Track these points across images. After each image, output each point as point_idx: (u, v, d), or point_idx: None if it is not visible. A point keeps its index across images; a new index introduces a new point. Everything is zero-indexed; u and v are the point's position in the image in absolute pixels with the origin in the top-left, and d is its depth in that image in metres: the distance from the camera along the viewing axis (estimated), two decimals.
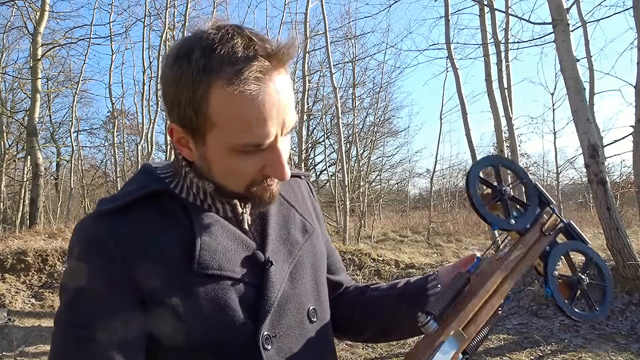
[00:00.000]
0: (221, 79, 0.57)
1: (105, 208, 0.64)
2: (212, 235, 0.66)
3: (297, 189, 0.83)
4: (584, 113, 4.38)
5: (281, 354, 0.68)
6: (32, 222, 8.27)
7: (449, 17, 7.21)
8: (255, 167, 0.63)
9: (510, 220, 0.71)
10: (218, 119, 0.59)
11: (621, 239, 4.26)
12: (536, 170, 20.65)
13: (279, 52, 0.59)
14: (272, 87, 0.58)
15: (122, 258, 0.61)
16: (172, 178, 0.69)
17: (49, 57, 11.49)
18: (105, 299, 0.60)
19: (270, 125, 0.59)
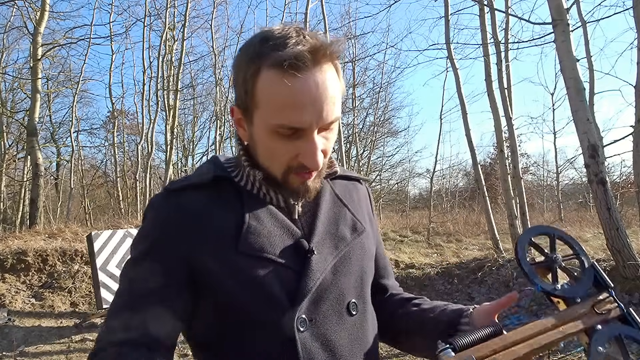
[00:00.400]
0: (268, 63, 0.64)
1: (172, 187, 0.74)
2: (259, 219, 0.72)
3: (354, 191, 0.87)
4: (584, 113, 4.38)
5: (315, 339, 0.71)
6: (32, 222, 8.27)
7: (449, 17, 7.22)
8: (290, 153, 0.68)
9: (557, 286, 0.69)
10: (261, 98, 0.66)
11: (621, 239, 4.26)
12: (536, 170, 20.66)
13: (323, 48, 0.65)
14: (311, 79, 0.64)
15: (179, 231, 0.70)
16: (234, 168, 0.77)
17: (49, 57, 11.50)
18: (160, 262, 0.69)
19: (304, 113, 0.65)
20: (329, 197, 0.81)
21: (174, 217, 0.71)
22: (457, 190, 20.98)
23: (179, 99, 13.25)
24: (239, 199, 0.74)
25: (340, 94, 0.70)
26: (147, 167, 13.51)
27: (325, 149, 0.71)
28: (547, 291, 0.70)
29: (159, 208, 0.73)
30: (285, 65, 0.63)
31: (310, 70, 0.64)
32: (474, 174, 9.58)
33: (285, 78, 0.63)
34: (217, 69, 14.81)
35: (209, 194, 0.73)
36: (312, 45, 0.64)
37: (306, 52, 0.63)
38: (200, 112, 19.86)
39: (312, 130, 0.66)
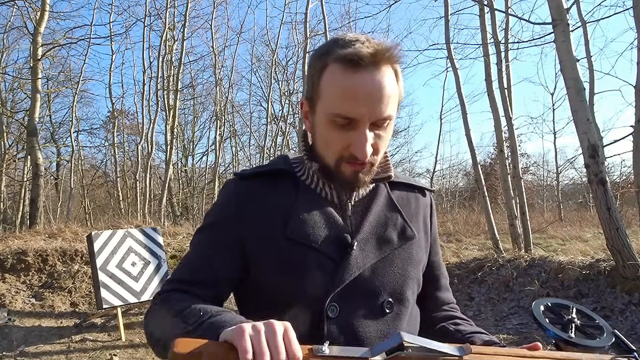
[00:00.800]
0: (333, 58, 0.73)
1: (241, 174, 0.85)
2: (309, 210, 0.80)
3: (413, 199, 0.91)
4: (584, 113, 4.38)
5: (342, 328, 0.76)
6: (32, 222, 8.27)
7: (449, 17, 7.21)
8: (343, 143, 0.75)
9: (571, 334, 0.69)
10: (323, 88, 0.75)
11: (621, 239, 4.26)
12: (536, 170, 20.65)
13: (383, 52, 0.72)
14: (369, 76, 0.72)
15: (239, 212, 0.81)
16: (299, 164, 0.87)
17: (49, 57, 11.50)
18: (218, 235, 0.81)
19: (358, 105, 0.72)
20: (383, 200, 0.86)
21: (236, 200, 0.82)
22: (457, 190, 20.97)
23: (179, 99, 13.25)
24: (296, 190, 0.82)
25: (397, 96, 0.77)
26: (147, 167, 13.51)
27: (377, 145, 0.77)
28: (560, 337, 0.70)
29: (227, 190, 0.85)
30: (347, 61, 0.71)
31: (369, 68, 0.72)
32: (474, 174, 9.57)
33: (346, 72, 0.72)
34: (217, 69, 14.80)
35: (271, 184, 0.83)
36: (374, 48, 0.72)
37: (368, 52, 0.71)
38: (200, 112, 19.88)
39: (364, 123, 0.73)
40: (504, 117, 6.84)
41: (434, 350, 0.60)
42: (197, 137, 20.72)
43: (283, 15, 13.80)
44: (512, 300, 4.87)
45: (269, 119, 15.27)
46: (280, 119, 16.35)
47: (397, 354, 0.59)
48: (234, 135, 17.86)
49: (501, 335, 4.20)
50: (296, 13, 18.98)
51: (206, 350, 0.56)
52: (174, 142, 12.88)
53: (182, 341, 0.57)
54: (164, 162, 14.73)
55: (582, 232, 9.61)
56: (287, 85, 16.26)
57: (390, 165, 0.88)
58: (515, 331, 4.30)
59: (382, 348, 0.59)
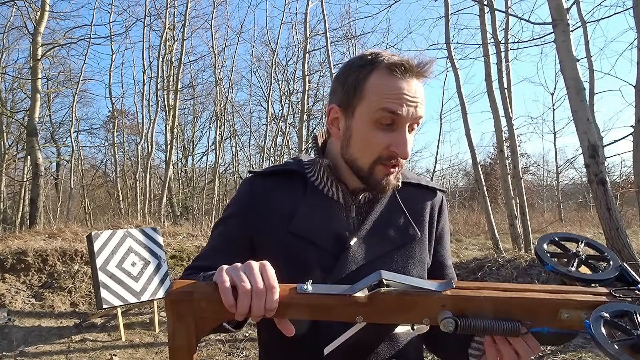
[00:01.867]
0: (382, 65, 0.79)
1: (255, 172, 0.92)
2: (313, 207, 0.85)
3: (421, 199, 0.93)
4: (584, 113, 4.38)
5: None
6: (32, 222, 8.27)
7: (449, 17, 7.21)
8: (384, 142, 0.79)
9: (571, 269, 0.67)
10: (370, 89, 0.79)
11: (621, 239, 4.26)
12: (536, 170, 20.66)
13: (422, 65, 0.80)
14: (412, 83, 0.79)
15: (251, 208, 0.88)
16: (310, 166, 0.92)
17: (49, 57, 11.48)
18: (236, 221, 0.88)
19: (403, 104, 0.77)
20: (387, 201, 0.89)
21: (251, 196, 0.89)
22: (457, 190, 20.96)
23: (179, 99, 13.25)
24: (304, 190, 0.88)
25: None
26: (147, 167, 13.51)
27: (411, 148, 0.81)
28: (558, 271, 0.67)
29: (244, 187, 0.92)
30: (397, 66, 0.78)
31: (412, 76, 0.79)
32: (474, 174, 9.57)
33: (394, 75, 0.78)
34: (217, 69, 14.79)
35: (282, 183, 0.89)
36: (417, 61, 0.80)
37: (415, 62, 0.80)
38: (200, 112, 19.87)
39: (405, 122, 0.79)
40: (504, 117, 6.84)
41: (413, 286, 0.60)
42: (197, 137, 20.73)
43: (283, 15, 13.78)
44: None
45: (269, 119, 15.27)
46: (280, 119, 16.34)
47: (377, 290, 0.60)
48: (234, 135, 17.86)
49: None
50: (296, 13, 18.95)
51: (197, 290, 0.61)
52: (174, 142, 12.89)
53: (177, 282, 0.62)
54: (164, 162, 14.74)
55: (582, 232, 9.60)
56: (287, 85, 16.25)
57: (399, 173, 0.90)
58: None
59: (363, 285, 0.60)
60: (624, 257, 4.26)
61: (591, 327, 0.55)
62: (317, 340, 0.79)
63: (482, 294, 0.60)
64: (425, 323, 0.61)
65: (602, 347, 0.52)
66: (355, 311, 0.60)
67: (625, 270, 0.66)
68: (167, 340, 0.63)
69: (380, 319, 0.61)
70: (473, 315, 0.60)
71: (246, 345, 4.24)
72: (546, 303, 0.60)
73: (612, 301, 0.60)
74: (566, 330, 0.61)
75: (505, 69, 7.23)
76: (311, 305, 0.61)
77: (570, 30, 4.46)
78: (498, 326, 0.60)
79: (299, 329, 0.82)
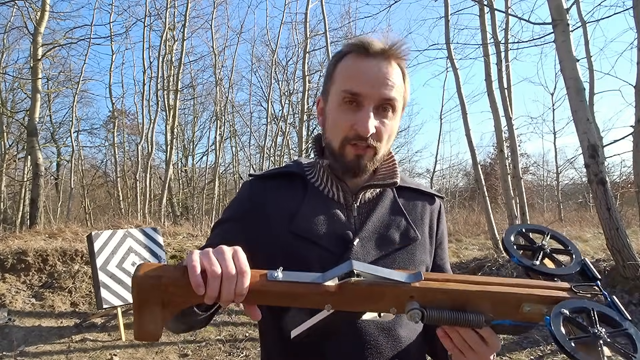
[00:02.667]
0: (348, 50, 0.84)
1: (255, 174, 0.93)
2: (313, 208, 0.85)
3: (420, 204, 0.94)
4: (583, 113, 4.38)
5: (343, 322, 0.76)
6: (32, 222, 8.27)
7: (449, 17, 7.21)
8: (349, 122, 0.81)
9: (536, 262, 0.68)
10: (337, 74, 0.84)
11: (621, 239, 4.26)
12: (536, 170, 20.65)
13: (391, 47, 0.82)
14: (375, 63, 0.81)
15: (250, 209, 0.88)
16: (310, 168, 0.93)
17: (49, 57, 11.48)
18: (234, 224, 0.88)
19: (364, 83, 0.80)
20: (389, 203, 0.90)
21: (250, 199, 0.90)
22: (457, 190, 20.96)
23: (179, 99, 13.25)
24: (304, 191, 0.89)
25: (401, 91, 0.84)
26: (147, 167, 13.51)
27: (380, 130, 0.81)
28: (523, 264, 0.68)
29: (244, 189, 0.93)
30: (360, 48, 0.82)
31: (378, 57, 0.81)
32: (474, 174, 9.57)
33: (358, 58, 0.82)
34: (217, 69, 14.79)
35: (281, 185, 0.90)
36: (384, 43, 0.82)
37: (379, 45, 0.81)
38: (200, 112, 19.87)
39: (368, 102, 0.80)
40: (504, 117, 6.85)
41: (383, 277, 0.61)
42: (197, 137, 20.72)
43: (283, 15, 13.79)
44: None
45: (269, 119, 15.27)
46: (280, 119, 16.34)
47: (347, 280, 0.60)
48: (234, 135, 17.86)
49: (501, 335, 4.19)
50: (296, 13, 18.99)
51: (165, 274, 0.60)
52: (174, 142, 12.88)
53: (145, 265, 0.60)
54: (164, 162, 14.74)
55: (582, 232, 9.61)
56: (287, 85, 16.25)
57: (397, 171, 0.92)
58: None
59: (334, 274, 0.61)
60: (623, 257, 4.26)
61: (551, 323, 0.56)
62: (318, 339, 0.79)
63: (449, 287, 0.62)
64: (392, 312, 0.62)
65: (560, 344, 0.54)
66: (325, 299, 0.61)
67: (586, 265, 0.67)
68: (133, 322, 0.62)
69: (349, 307, 0.62)
70: (439, 306, 0.61)
71: (246, 345, 4.24)
72: (510, 297, 0.62)
73: (572, 297, 0.61)
74: (526, 322, 0.63)
75: (505, 69, 7.24)
76: (281, 293, 0.61)
77: (570, 30, 4.46)
78: (462, 318, 0.61)
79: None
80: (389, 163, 0.95)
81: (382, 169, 0.94)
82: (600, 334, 0.55)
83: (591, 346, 0.55)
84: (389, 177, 0.91)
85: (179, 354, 4.11)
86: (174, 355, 4.10)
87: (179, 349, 4.21)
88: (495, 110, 6.85)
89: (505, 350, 3.90)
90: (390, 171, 0.93)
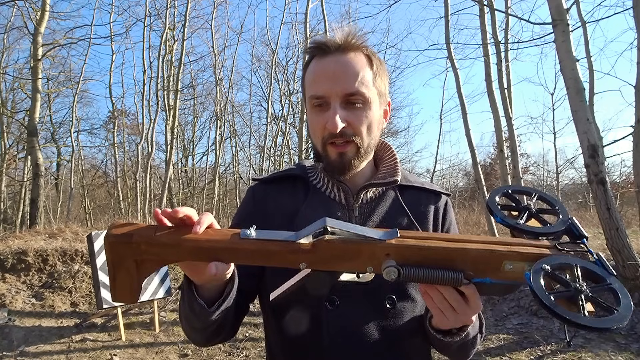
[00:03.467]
0: (310, 59, 0.85)
1: (259, 178, 0.96)
2: (314, 209, 0.86)
3: (424, 202, 0.93)
4: (583, 113, 4.38)
5: (342, 319, 0.80)
6: (33, 222, 8.26)
7: (449, 17, 7.22)
8: (320, 124, 0.82)
9: (519, 221, 0.66)
10: (305, 82, 0.86)
11: (621, 239, 4.26)
12: (536, 170, 20.64)
13: (346, 38, 0.82)
14: (332, 59, 0.81)
15: (256, 209, 0.91)
16: (313, 170, 0.94)
17: (49, 57, 11.48)
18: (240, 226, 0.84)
19: (324, 84, 0.80)
20: (391, 202, 0.90)
21: (254, 203, 0.92)
22: (457, 190, 20.95)
23: (179, 99, 13.24)
24: (306, 193, 0.90)
25: (369, 79, 0.82)
26: (147, 167, 13.51)
27: (352, 122, 0.81)
28: (507, 223, 0.66)
29: (247, 196, 0.95)
30: (316, 50, 0.83)
31: (333, 53, 0.81)
32: (474, 174, 9.57)
33: (316, 59, 0.83)
34: (217, 69, 14.80)
35: (284, 187, 0.92)
36: (339, 37, 0.82)
37: (333, 40, 0.82)
38: (200, 112, 19.85)
39: (333, 99, 0.80)
40: (504, 117, 6.85)
41: (357, 234, 0.60)
42: (197, 137, 20.70)
43: (283, 15, 13.80)
44: (512, 300, 4.87)
45: (269, 119, 15.27)
46: (280, 119, 16.35)
47: (321, 237, 0.59)
48: (234, 135, 17.85)
49: (501, 335, 4.20)
50: (296, 13, 19.01)
51: (137, 232, 0.59)
52: (174, 142, 12.87)
53: (116, 224, 0.60)
54: (164, 162, 14.73)
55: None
56: (287, 85, 16.25)
57: (399, 170, 0.91)
58: (515, 331, 4.30)
59: (307, 232, 0.60)
60: (623, 257, 4.27)
61: (530, 278, 0.54)
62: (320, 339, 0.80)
63: (426, 244, 0.60)
64: (369, 271, 0.61)
65: (538, 298, 0.52)
66: (298, 257, 0.60)
67: (573, 224, 0.65)
68: (108, 282, 0.62)
69: (324, 266, 0.61)
70: (416, 264, 0.60)
71: (246, 345, 4.24)
72: (490, 254, 0.60)
73: (554, 254, 0.60)
74: (508, 281, 0.61)
75: (505, 69, 7.24)
76: (254, 251, 0.60)
77: (570, 31, 4.46)
78: (440, 275, 0.60)
79: (299, 329, 0.82)
80: (390, 162, 0.94)
81: (383, 168, 0.93)
82: (581, 289, 0.53)
83: (572, 301, 0.53)
84: (390, 175, 0.91)
85: (179, 354, 4.11)
86: (174, 355, 4.10)
87: (179, 349, 4.21)
88: (495, 110, 6.85)
89: (505, 350, 3.90)
90: (392, 170, 0.92)
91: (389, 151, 0.96)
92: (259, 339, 4.37)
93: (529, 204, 0.69)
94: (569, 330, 3.62)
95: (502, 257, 0.60)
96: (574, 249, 0.62)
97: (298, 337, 0.82)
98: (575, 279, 0.56)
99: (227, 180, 20.15)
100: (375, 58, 0.85)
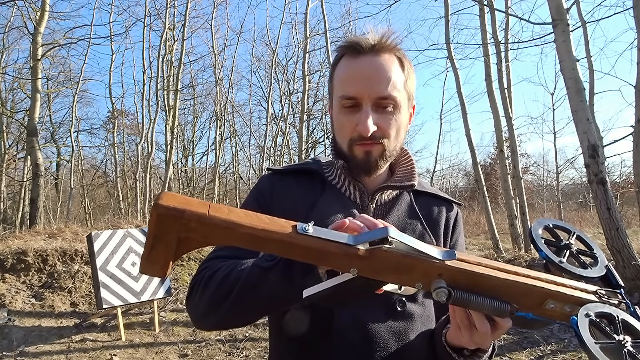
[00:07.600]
0: (341, 54, 0.85)
1: (275, 169, 0.95)
2: (329, 204, 0.86)
3: (437, 209, 0.94)
4: (584, 113, 4.38)
5: (353, 321, 0.79)
6: (32, 222, 8.26)
7: (449, 17, 7.21)
8: (351, 124, 0.82)
9: (563, 259, 0.66)
10: (334, 80, 0.86)
11: (621, 239, 4.26)
12: (536, 170, 20.65)
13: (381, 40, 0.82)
14: (366, 60, 0.81)
15: (270, 199, 0.90)
16: (329, 166, 0.94)
17: (49, 57, 11.48)
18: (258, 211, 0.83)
19: (357, 85, 0.80)
20: (405, 206, 0.90)
21: (266, 192, 0.91)
22: (457, 190, 20.96)
23: (179, 99, 13.23)
24: (322, 188, 0.90)
25: (402, 82, 0.82)
26: (147, 167, 13.51)
27: (382, 126, 0.82)
28: (551, 260, 0.66)
29: (262, 181, 0.94)
30: (349, 49, 0.82)
31: (367, 54, 0.81)
32: (474, 174, 9.57)
33: (349, 59, 0.83)
34: (217, 69, 14.80)
35: (300, 180, 0.92)
36: (372, 38, 0.82)
37: (367, 41, 0.82)
38: (200, 112, 19.87)
39: (365, 102, 0.80)
40: (504, 117, 6.85)
41: (417, 249, 0.58)
42: (197, 137, 20.73)
43: (283, 15, 13.80)
44: None
45: (269, 119, 15.27)
46: (280, 119, 16.35)
47: (380, 246, 0.57)
48: (234, 135, 17.86)
49: (501, 335, 4.19)
50: (296, 13, 18.99)
51: (190, 208, 0.54)
52: (174, 142, 12.87)
53: (167, 194, 0.55)
54: (164, 162, 14.73)
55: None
56: (287, 85, 16.26)
57: (415, 174, 0.91)
58: (515, 331, 4.30)
59: (367, 238, 0.58)
60: (623, 257, 4.26)
61: (578, 324, 0.54)
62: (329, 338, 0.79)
63: (480, 271, 0.59)
64: (417, 288, 0.60)
65: (586, 346, 0.52)
66: (351, 262, 0.57)
67: (610, 271, 0.66)
68: (143, 251, 0.57)
69: (375, 275, 0.59)
70: (465, 289, 0.59)
71: (246, 345, 4.24)
72: (537, 290, 0.60)
73: (598, 301, 0.60)
74: (546, 318, 0.62)
75: (505, 69, 7.24)
76: (309, 248, 0.56)
77: (570, 30, 4.46)
78: (489, 304, 0.59)
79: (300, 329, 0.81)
80: (407, 165, 0.94)
81: (400, 171, 0.93)
82: (625, 342, 0.53)
83: (615, 353, 0.52)
84: (407, 179, 0.90)
85: (179, 354, 4.11)
86: (174, 355, 4.10)
87: (179, 349, 4.21)
88: (495, 110, 6.85)
89: (505, 350, 3.90)
90: (408, 173, 0.92)
91: (406, 155, 0.95)
92: (259, 339, 4.37)
93: (570, 242, 0.69)
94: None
95: (548, 295, 0.60)
96: (614, 299, 0.62)
97: (306, 336, 0.81)
98: (616, 330, 0.55)
99: (227, 180, 20.16)
100: (406, 60, 0.85)
